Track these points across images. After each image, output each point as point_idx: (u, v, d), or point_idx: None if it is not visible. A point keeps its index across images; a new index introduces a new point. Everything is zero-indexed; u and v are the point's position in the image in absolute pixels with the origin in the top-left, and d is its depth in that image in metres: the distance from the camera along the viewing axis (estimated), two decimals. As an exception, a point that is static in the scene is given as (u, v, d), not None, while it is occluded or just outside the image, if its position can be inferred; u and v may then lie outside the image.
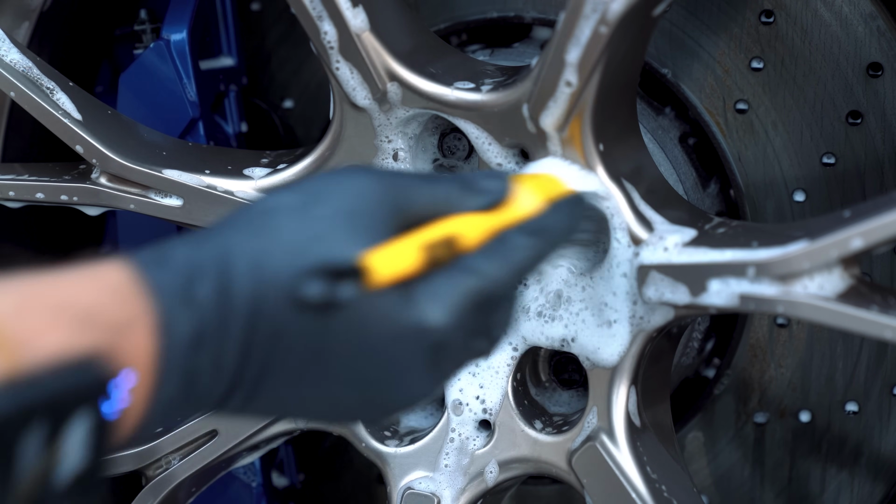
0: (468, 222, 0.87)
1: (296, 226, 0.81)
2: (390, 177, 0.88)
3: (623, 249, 1.07)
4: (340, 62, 1.12)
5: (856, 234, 0.96)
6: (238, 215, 0.83)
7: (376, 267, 0.80)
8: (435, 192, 0.88)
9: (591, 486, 1.13)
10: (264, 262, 0.79)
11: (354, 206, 0.83)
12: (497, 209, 0.89)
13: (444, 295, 0.83)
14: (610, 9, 1.01)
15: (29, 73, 1.22)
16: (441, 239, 0.84)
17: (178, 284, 0.76)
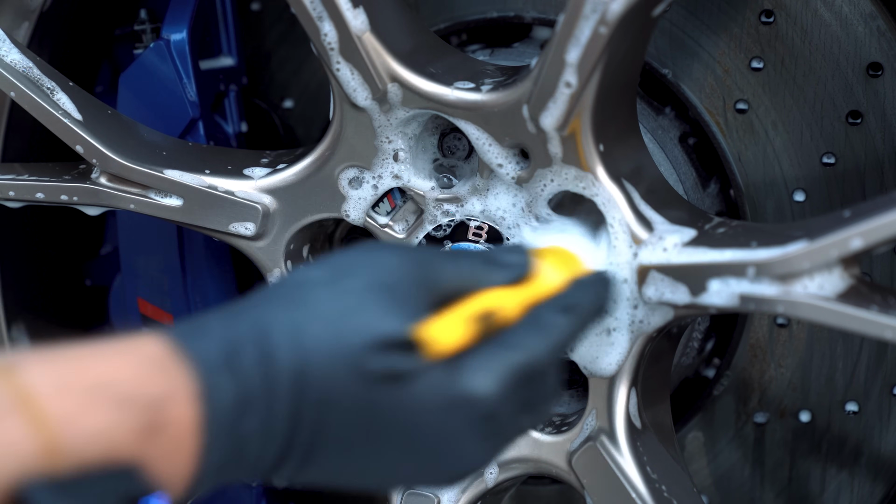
0: (503, 296, 0.90)
1: (331, 298, 0.83)
2: (415, 251, 0.91)
3: (624, 251, 1.07)
4: (341, 63, 1.12)
5: (855, 234, 0.96)
6: (270, 290, 0.85)
7: (433, 339, 0.84)
8: (460, 266, 0.90)
9: (591, 487, 1.13)
10: (304, 334, 0.81)
11: (385, 279, 0.86)
12: (523, 283, 0.92)
13: (492, 367, 0.86)
14: (609, 9, 1.01)
15: (29, 73, 1.22)
16: (483, 312, 0.88)
17: (219, 353, 0.78)
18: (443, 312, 0.87)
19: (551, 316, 0.90)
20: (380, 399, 0.82)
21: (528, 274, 0.93)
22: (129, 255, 1.40)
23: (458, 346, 0.86)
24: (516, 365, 0.86)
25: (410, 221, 1.19)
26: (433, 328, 0.85)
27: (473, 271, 0.91)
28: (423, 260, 0.89)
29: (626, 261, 1.07)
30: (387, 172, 1.16)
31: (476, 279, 0.90)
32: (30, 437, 0.68)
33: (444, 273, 0.89)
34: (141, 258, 1.39)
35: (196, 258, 1.37)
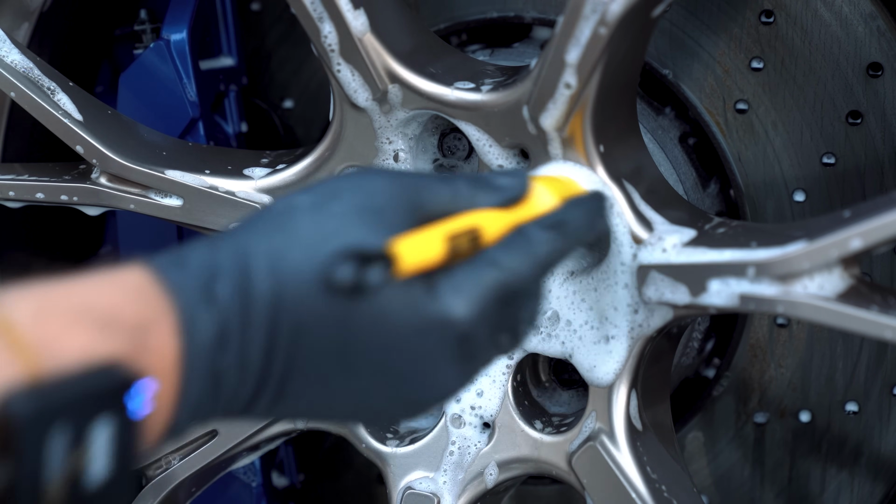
0: (488, 217, 0.87)
1: (313, 222, 0.81)
2: (404, 175, 0.88)
3: (625, 252, 1.07)
4: (342, 64, 1.12)
5: (855, 234, 0.96)
6: (254, 217, 0.83)
7: (404, 254, 0.81)
8: (451, 188, 0.88)
9: (591, 487, 1.13)
10: (283, 259, 0.79)
11: (371, 202, 0.83)
12: (515, 206, 0.89)
13: (468, 288, 0.83)
14: (609, 9, 1.01)
15: (30, 73, 1.22)
16: (464, 230, 0.84)
17: (198, 284, 0.77)
18: (423, 228, 0.84)
19: (535, 233, 0.87)
20: (352, 320, 0.80)
21: (520, 197, 0.90)
22: (129, 255, 1.39)
23: (431, 263, 0.82)
24: (494, 284, 0.84)
25: (410, 221, 1.19)
26: (405, 243, 0.81)
27: (464, 193, 0.88)
28: (412, 183, 0.87)
29: (627, 262, 1.07)
30: (387, 172, 1.16)
31: (466, 201, 0.88)
32: (10, 361, 0.67)
33: (432, 195, 0.87)
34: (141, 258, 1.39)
35: (196, 258, 1.37)
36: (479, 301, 0.83)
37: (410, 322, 0.81)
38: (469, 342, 0.83)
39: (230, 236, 0.81)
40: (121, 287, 0.74)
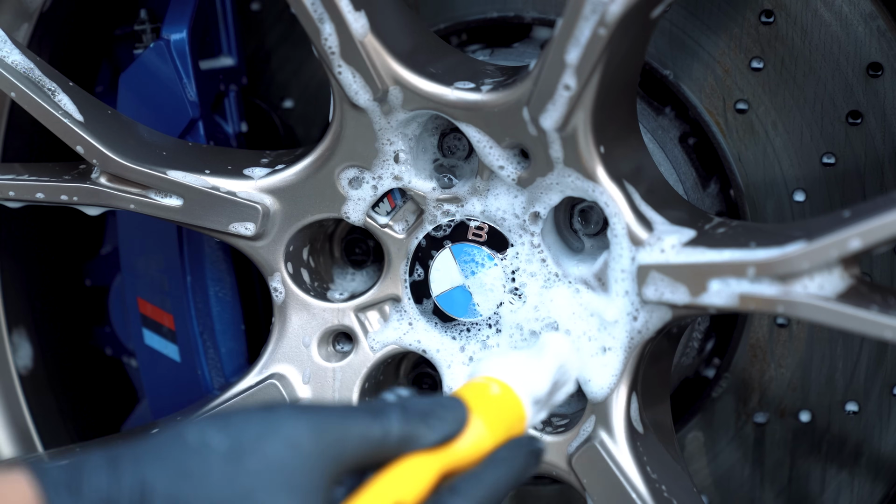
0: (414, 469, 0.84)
1: (225, 477, 0.78)
2: (330, 418, 0.83)
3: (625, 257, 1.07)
4: (343, 66, 1.12)
5: (854, 234, 0.96)
6: (163, 446, 0.79)
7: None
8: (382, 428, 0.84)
9: (591, 487, 1.13)
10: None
11: (287, 460, 0.80)
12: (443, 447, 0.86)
13: None
14: (609, 10, 1.01)
15: (31, 74, 1.22)
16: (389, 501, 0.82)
17: None
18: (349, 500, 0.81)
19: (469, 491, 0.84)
20: None
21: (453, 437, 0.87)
22: (129, 255, 1.40)
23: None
24: None
25: (410, 221, 1.19)
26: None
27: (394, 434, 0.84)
28: (334, 430, 0.82)
29: (627, 268, 1.07)
30: (387, 174, 1.16)
31: (396, 444, 0.84)
32: None
33: (361, 440, 0.83)
34: (141, 258, 1.39)
35: (196, 258, 1.37)
36: None
37: None
38: None
39: (134, 463, 0.77)
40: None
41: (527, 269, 1.14)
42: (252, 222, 1.20)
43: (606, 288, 1.09)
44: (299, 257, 1.23)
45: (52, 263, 1.52)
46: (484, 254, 1.16)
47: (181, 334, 1.38)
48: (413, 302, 1.19)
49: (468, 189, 1.15)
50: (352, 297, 1.23)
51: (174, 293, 1.37)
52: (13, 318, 1.47)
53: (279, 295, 1.22)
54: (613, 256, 1.08)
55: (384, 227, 1.19)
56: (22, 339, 1.48)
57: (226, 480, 0.78)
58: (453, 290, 1.18)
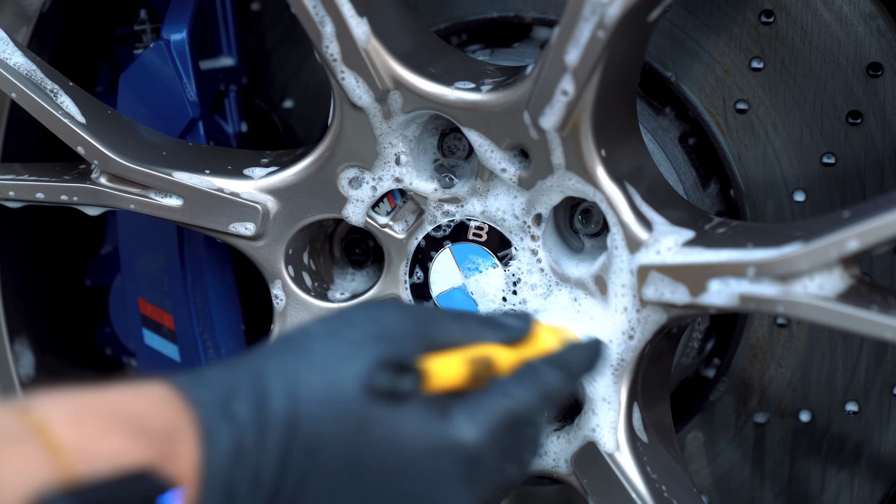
0: (499, 351, 0.93)
1: (328, 347, 0.86)
2: (415, 308, 0.94)
3: (624, 253, 1.07)
4: (346, 72, 1.12)
5: (852, 235, 0.96)
6: (272, 343, 0.88)
7: (434, 371, 0.86)
8: (459, 324, 0.93)
9: (591, 486, 1.13)
10: (299, 381, 0.83)
11: (384, 331, 0.88)
12: (520, 344, 0.95)
13: (480, 414, 0.87)
14: (607, 13, 1.01)
15: (33, 75, 1.22)
16: (482, 358, 0.90)
17: (217, 401, 0.81)
18: (445, 352, 0.89)
19: (542, 369, 0.93)
20: (365, 441, 0.83)
21: (525, 337, 0.96)
22: (129, 255, 1.40)
23: (456, 383, 0.87)
24: (505, 413, 0.88)
25: (410, 221, 1.19)
26: (436, 362, 0.87)
27: (473, 329, 0.93)
28: (423, 316, 0.92)
29: (626, 263, 1.07)
30: (387, 175, 1.16)
31: (474, 337, 0.93)
32: (46, 462, 0.71)
33: (442, 329, 0.91)
34: (141, 258, 1.39)
35: (196, 258, 1.37)
36: (490, 427, 0.88)
37: (423, 444, 0.85)
38: (478, 466, 0.87)
39: (247, 360, 0.85)
40: (148, 398, 0.79)
41: (527, 270, 1.14)
42: (252, 222, 1.20)
43: (605, 291, 1.09)
44: (299, 258, 1.23)
45: (52, 265, 1.52)
46: (484, 254, 1.16)
47: (181, 334, 1.38)
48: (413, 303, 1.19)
49: (468, 189, 1.15)
50: (352, 297, 1.23)
51: (174, 293, 1.37)
52: (14, 328, 1.47)
53: (280, 302, 1.22)
54: (612, 256, 1.08)
55: (384, 228, 1.19)
56: (24, 347, 1.48)
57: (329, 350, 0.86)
58: (453, 290, 1.18)
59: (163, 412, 0.78)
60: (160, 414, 0.78)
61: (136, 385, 0.79)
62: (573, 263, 1.14)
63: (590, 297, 1.11)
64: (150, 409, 0.78)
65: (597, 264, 1.11)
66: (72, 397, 0.76)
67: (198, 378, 0.82)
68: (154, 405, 0.78)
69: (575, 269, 1.13)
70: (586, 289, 1.12)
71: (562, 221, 1.16)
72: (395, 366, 0.85)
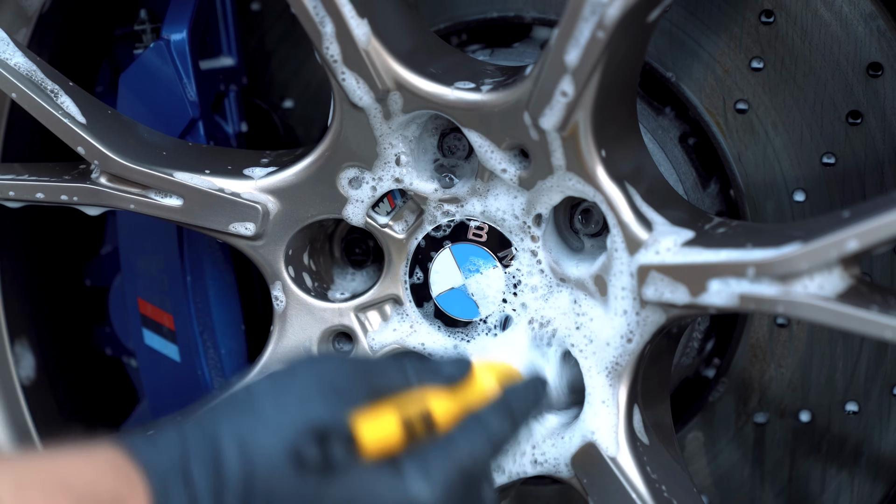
0: (438, 399, 0.92)
1: (275, 402, 0.86)
2: (356, 358, 0.95)
3: (623, 255, 1.07)
4: (346, 73, 1.12)
5: (851, 235, 0.96)
6: (220, 402, 0.87)
7: (364, 432, 0.86)
8: (400, 371, 0.93)
9: (591, 487, 1.13)
10: (250, 440, 0.83)
11: (328, 380, 0.88)
12: (459, 387, 0.95)
13: (435, 471, 0.87)
14: (607, 13, 1.01)
15: (33, 76, 1.22)
16: (417, 412, 0.90)
17: (172, 465, 0.80)
18: (378, 408, 0.89)
19: (489, 418, 0.92)
20: (322, 500, 0.83)
21: (462, 377, 0.96)
22: (129, 255, 1.40)
23: (390, 441, 0.87)
24: (459, 467, 0.88)
25: (410, 221, 1.19)
26: (366, 424, 0.87)
27: (412, 376, 0.93)
28: (364, 365, 0.93)
29: (625, 264, 1.07)
30: (387, 175, 1.16)
31: (412, 383, 0.93)
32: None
33: (383, 376, 0.92)
34: (141, 258, 1.39)
35: (196, 258, 1.37)
36: (444, 483, 0.87)
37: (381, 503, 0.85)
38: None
39: (198, 420, 0.84)
40: (96, 463, 0.78)
41: (527, 272, 1.14)
42: (252, 222, 1.20)
43: (605, 291, 1.09)
44: (299, 258, 1.23)
45: (52, 266, 1.52)
46: (484, 254, 1.16)
47: (181, 334, 1.38)
48: (414, 305, 1.19)
49: (468, 189, 1.15)
50: (352, 297, 1.23)
51: (174, 293, 1.37)
52: (15, 330, 1.47)
53: (280, 304, 1.22)
54: (612, 256, 1.08)
55: (384, 227, 1.18)
56: (24, 349, 1.48)
57: (276, 405, 0.86)
58: (453, 290, 1.18)
59: (113, 478, 0.77)
60: (109, 480, 0.77)
61: (84, 449, 0.78)
62: (573, 263, 1.14)
63: (590, 298, 1.11)
64: (98, 476, 0.77)
65: (596, 264, 1.11)
66: (16, 464, 0.75)
67: (148, 440, 0.81)
68: (103, 471, 0.77)
69: (575, 269, 1.13)
70: (586, 289, 1.12)
71: (562, 221, 1.16)
72: (325, 433, 0.85)
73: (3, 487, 0.72)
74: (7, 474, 0.73)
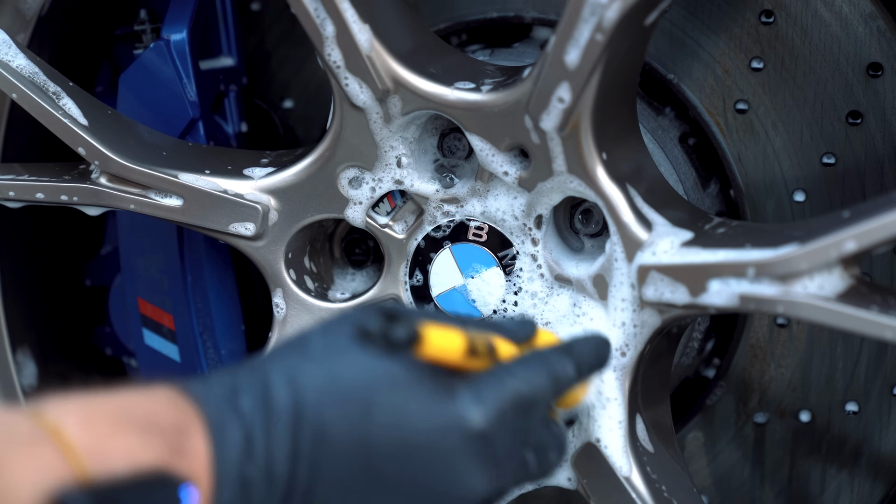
0: (503, 343, 0.92)
1: (325, 342, 0.86)
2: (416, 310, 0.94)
3: (622, 256, 1.07)
4: (349, 78, 1.12)
5: (850, 236, 0.96)
6: (271, 348, 0.91)
7: (428, 336, 0.85)
8: (464, 325, 0.91)
9: (591, 487, 1.13)
10: (300, 374, 0.84)
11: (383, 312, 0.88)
12: (523, 344, 0.95)
13: (485, 392, 0.87)
14: (605, 16, 1.01)
15: (35, 78, 1.22)
16: (483, 339, 0.89)
17: (223, 398, 0.82)
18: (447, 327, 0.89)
19: (550, 355, 0.92)
20: (372, 424, 0.83)
21: (527, 337, 0.95)
22: (129, 255, 1.40)
23: (451, 354, 0.86)
24: (510, 393, 0.87)
25: (410, 222, 1.19)
26: (430, 328, 0.86)
27: (478, 329, 0.92)
28: (425, 312, 0.92)
29: (627, 297, 1.07)
30: (388, 177, 1.16)
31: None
32: (61, 463, 0.72)
33: (447, 322, 0.91)
34: (141, 258, 1.39)
35: (196, 258, 1.37)
36: (496, 407, 0.86)
37: (428, 423, 0.84)
38: (488, 443, 0.86)
39: (248, 362, 0.86)
40: (154, 398, 0.80)
41: (527, 278, 1.14)
42: (252, 222, 1.20)
43: (605, 291, 1.09)
44: (299, 258, 1.23)
45: (52, 269, 1.52)
46: (484, 254, 1.16)
47: (181, 334, 1.38)
48: (414, 306, 1.19)
49: (468, 190, 1.15)
50: (352, 298, 1.23)
51: (174, 293, 1.37)
52: (16, 338, 1.47)
53: (280, 311, 1.22)
54: (612, 257, 1.08)
55: (384, 228, 1.19)
56: (26, 357, 1.48)
57: (325, 344, 0.86)
58: (453, 290, 1.18)
59: (171, 411, 0.79)
60: (168, 412, 0.79)
61: (141, 387, 0.81)
62: (573, 263, 1.14)
63: (589, 299, 1.11)
64: (157, 409, 0.79)
65: (596, 264, 1.11)
66: (81, 400, 0.77)
67: (201, 380, 0.83)
68: (161, 405, 0.79)
69: (574, 270, 1.13)
70: (585, 291, 1.12)
71: (562, 221, 1.16)
72: (391, 314, 0.85)
73: (71, 421, 0.74)
74: (73, 409, 0.75)
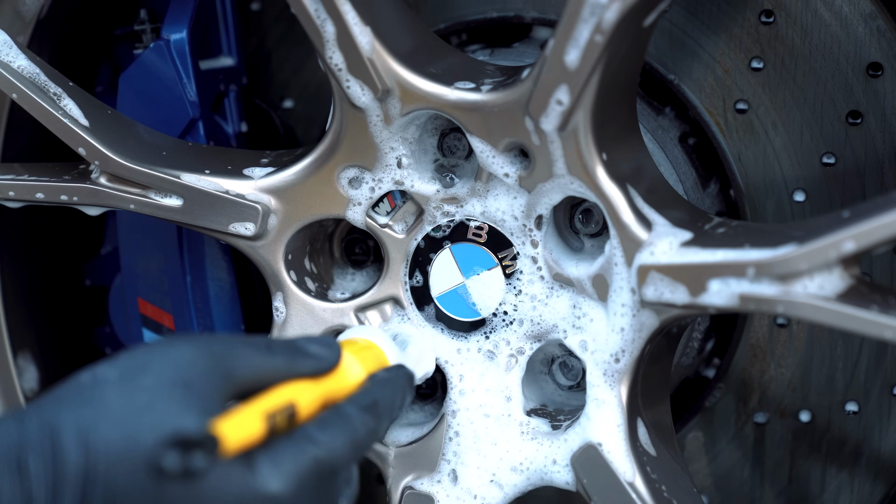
0: (302, 390, 0.90)
1: (122, 396, 0.82)
2: (214, 343, 0.88)
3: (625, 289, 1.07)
4: (351, 81, 1.12)
5: (848, 236, 0.96)
6: (60, 390, 0.83)
7: (227, 435, 0.82)
8: (261, 357, 0.90)
9: (591, 487, 1.13)
10: (93, 434, 0.80)
11: (180, 375, 0.84)
12: (326, 377, 0.94)
13: (285, 463, 0.85)
14: (605, 17, 1.01)
15: (36, 79, 1.22)
16: (281, 406, 0.87)
17: (5, 455, 0.77)
18: (240, 407, 0.86)
19: (352, 412, 0.91)
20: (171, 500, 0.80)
21: (331, 367, 0.94)
22: (129, 255, 1.40)
23: (252, 441, 0.85)
24: (312, 460, 0.86)
25: (410, 222, 1.19)
26: (227, 425, 0.83)
27: (274, 363, 0.90)
28: (221, 352, 0.88)
29: (628, 302, 1.07)
30: (388, 177, 1.16)
31: (277, 371, 0.90)
32: None
33: (242, 365, 0.88)
34: (141, 258, 1.39)
35: (196, 258, 1.37)
36: (296, 476, 0.85)
37: (228, 497, 0.82)
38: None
39: (37, 409, 0.81)
40: None
41: (528, 280, 1.14)
42: (252, 222, 1.20)
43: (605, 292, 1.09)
44: (299, 258, 1.23)
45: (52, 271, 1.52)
46: (484, 254, 1.16)
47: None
48: (414, 306, 1.19)
49: (468, 190, 1.15)
50: (352, 297, 1.23)
51: (174, 293, 1.37)
52: (17, 343, 1.47)
53: (280, 315, 1.22)
54: (612, 257, 1.08)
55: (384, 227, 1.19)
56: (27, 362, 1.48)
57: (124, 400, 0.82)
58: (453, 290, 1.18)
59: None
60: None
61: None
62: (573, 263, 1.14)
63: (589, 300, 1.11)
64: None
65: (596, 264, 1.11)
66: None
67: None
68: None
69: (574, 269, 1.13)
70: (585, 291, 1.12)
71: (562, 221, 1.16)
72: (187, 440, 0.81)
73: None
74: None
